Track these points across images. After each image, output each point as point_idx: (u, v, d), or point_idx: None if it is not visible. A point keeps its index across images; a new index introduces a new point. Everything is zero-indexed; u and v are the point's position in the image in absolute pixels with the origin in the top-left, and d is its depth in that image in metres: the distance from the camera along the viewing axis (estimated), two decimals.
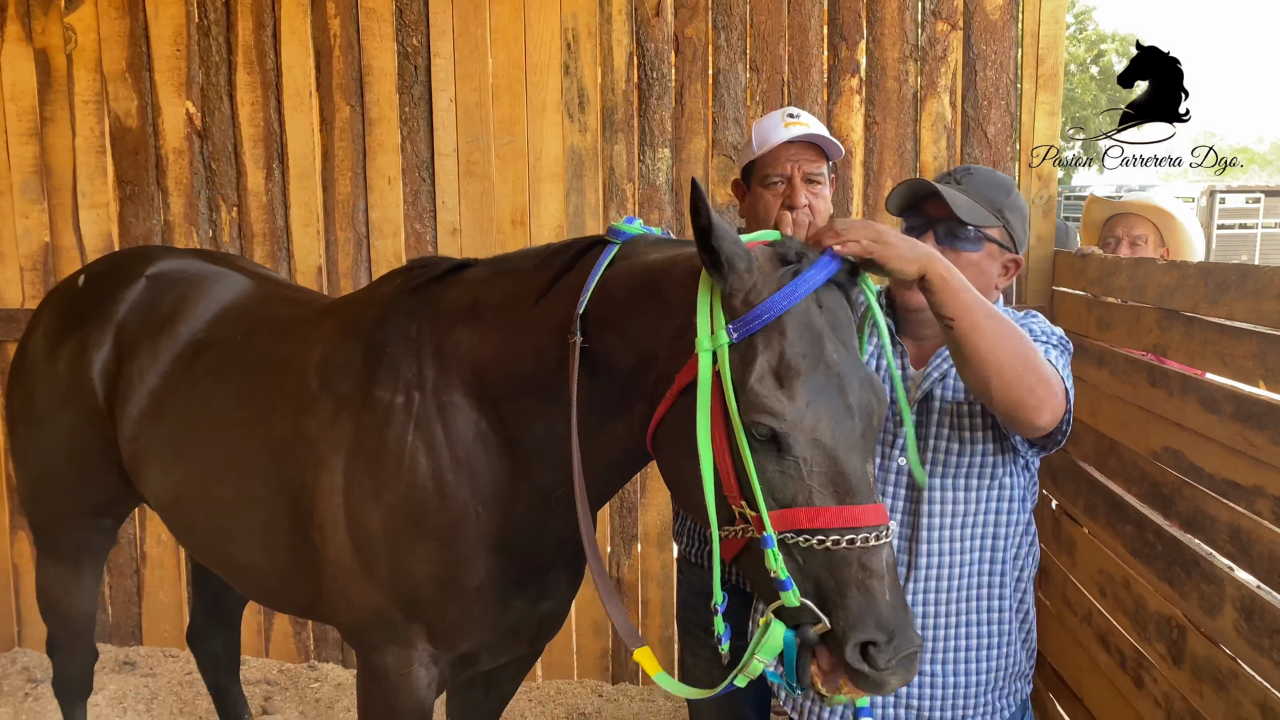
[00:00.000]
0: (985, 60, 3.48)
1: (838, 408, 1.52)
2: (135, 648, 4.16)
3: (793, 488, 1.50)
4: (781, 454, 1.50)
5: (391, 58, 3.73)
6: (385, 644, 2.07)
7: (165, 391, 2.45)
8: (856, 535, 1.47)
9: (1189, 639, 2.38)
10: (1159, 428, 2.58)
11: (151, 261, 2.73)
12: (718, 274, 1.54)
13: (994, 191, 1.92)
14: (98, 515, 2.81)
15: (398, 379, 1.99)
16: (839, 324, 1.58)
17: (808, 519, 1.48)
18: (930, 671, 1.96)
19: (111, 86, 3.88)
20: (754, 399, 1.49)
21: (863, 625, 1.45)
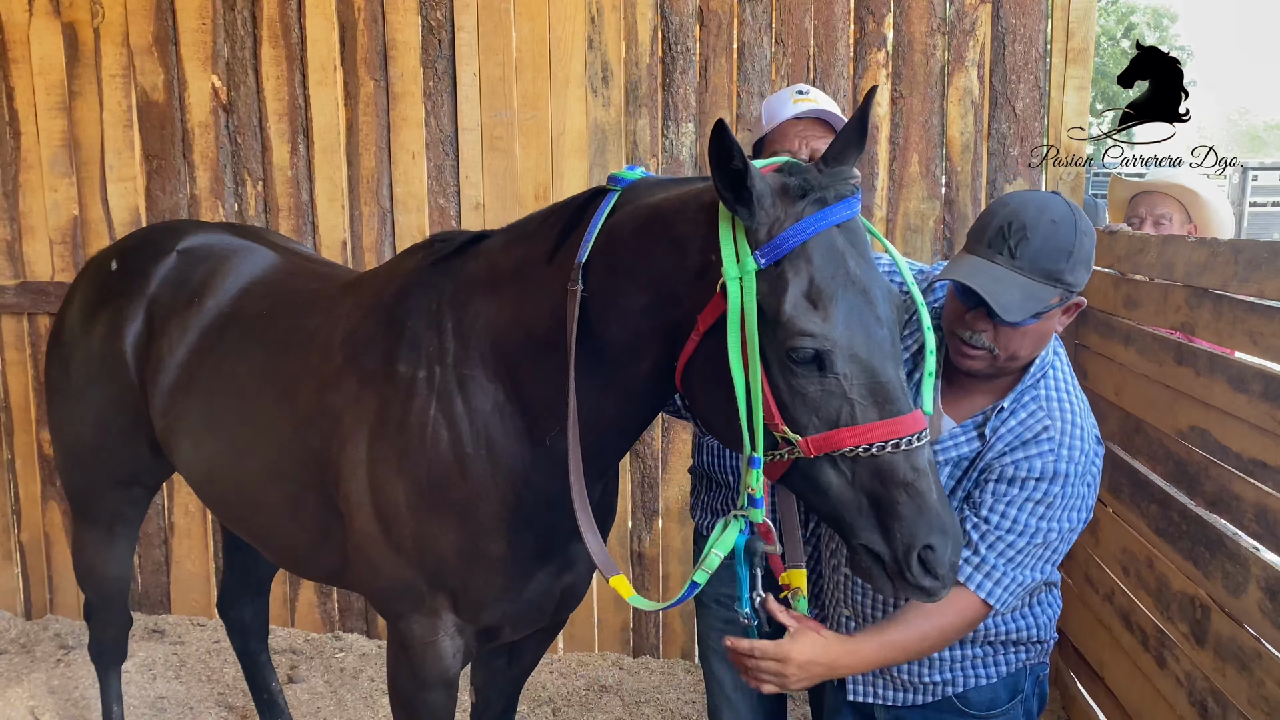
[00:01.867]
0: (1014, 34, 3.43)
1: (869, 321, 1.56)
2: (164, 616, 4.23)
3: (836, 404, 1.54)
4: (823, 373, 1.54)
5: (415, 32, 3.72)
6: (411, 613, 2.10)
7: (194, 365, 2.49)
8: (901, 442, 1.53)
9: (1213, 619, 2.37)
10: (1186, 406, 2.56)
11: (182, 236, 2.77)
12: (745, 210, 1.55)
13: (1054, 259, 1.75)
14: (128, 485, 2.86)
15: (419, 354, 2.01)
16: (857, 241, 1.61)
17: (853, 437, 1.53)
18: None
19: (138, 60, 3.90)
20: (792, 323, 1.52)
21: (919, 530, 1.52)
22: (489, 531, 1.99)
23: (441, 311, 2.01)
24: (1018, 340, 1.79)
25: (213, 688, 3.75)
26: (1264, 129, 43.85)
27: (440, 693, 2.15)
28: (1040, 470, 1.79)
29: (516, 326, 1.92)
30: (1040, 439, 1.81)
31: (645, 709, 3.63)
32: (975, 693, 1.99)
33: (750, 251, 1.55)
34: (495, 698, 2.54)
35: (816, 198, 1.56)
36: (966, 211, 3.50)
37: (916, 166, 3.52)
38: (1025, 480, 1.79)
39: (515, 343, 1.93)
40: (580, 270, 1.77)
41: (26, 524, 4.27)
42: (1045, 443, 1.80)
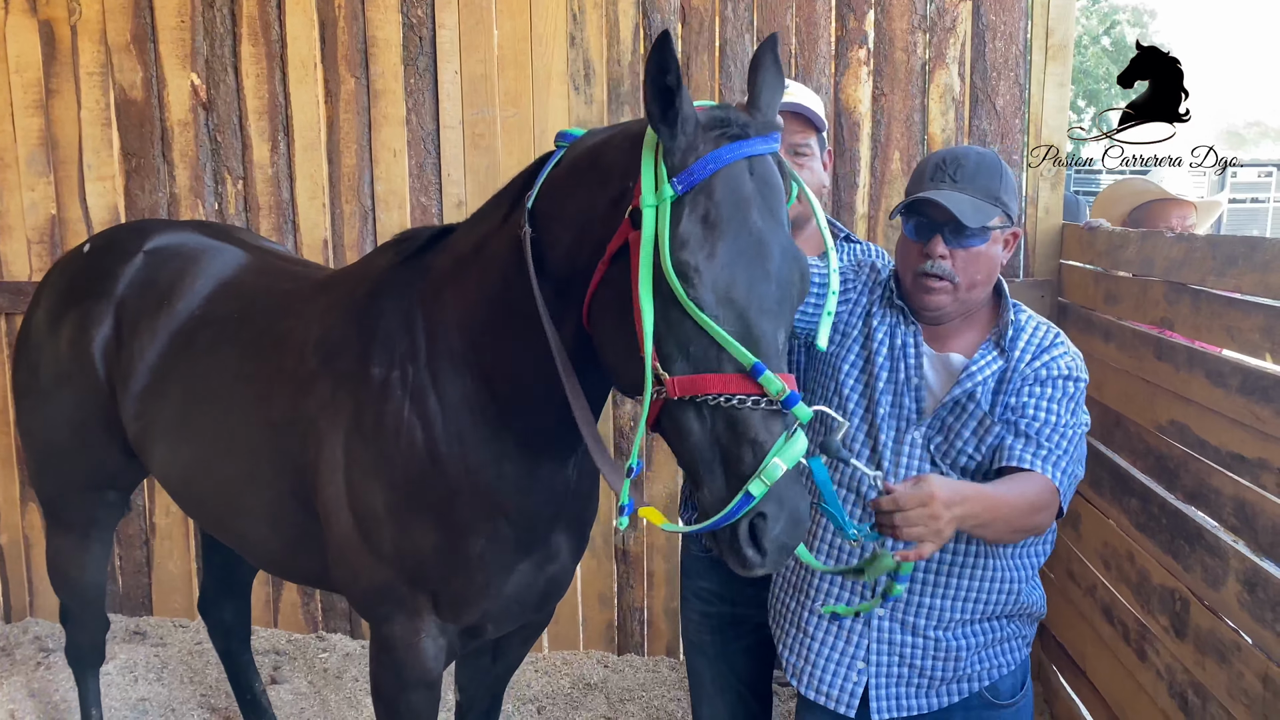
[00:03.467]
0: (995, 31, 3.44)
1: (756, 270, 1.54)
2: (145, 618, 4.20)
3: (703, 346, 1.52)
4: (699, 313, 1.51)
5: (396, 29, 3.71)
6: (393, 615, 2.09)
7: (166, 369, 2.47)
8: (763, 401, 1.50)
9: (1192, 611, 2.39)
10: (1165, 401, 2.58)
11: (149, 236, 2.73)
12: (667, 129, 1.54)
13: (988, 179, 1.94)
14: (102, 489, 2.82)
15: (392, 355, 2.01)
16: (768, 190, 1.59)
17: (716, 384, 1.50)
18: (935, 637, 2.00)
19: (116, 58, 3.87)
20: (680, 254, 1.51)
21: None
22: (468, 528, 1.99)
23: (412, 309, 2.01)
24: (974, 265, 1.93)
25: (195, 689, 3.72)
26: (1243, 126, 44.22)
27: (423, 693, 2.14)
28: (1065, 369, 1.95)
29: (480, 303, 1.91)
30: (1056, 343, 1.98)
31: (630, 706, 3.63)
32: (1003, 681, 2.05)
33: (668, 180, 1.54)
34: (480, 696, 2.53)
35: (733, 132, 1.57)
36: None
37: (898, 163, 3.52)
38: (1056, 379, 1.93)
39: (479, 320, 1.92)
40: (528, 215, 1.78)
41: (5, 526, 4.23)
42: (1060, 345, 1.99)
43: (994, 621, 2.03)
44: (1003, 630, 2.05)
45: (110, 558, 3.05)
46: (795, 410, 1.51)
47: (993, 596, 2.02)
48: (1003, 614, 2.04)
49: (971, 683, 2.03)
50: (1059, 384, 1.93)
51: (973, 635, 2.01)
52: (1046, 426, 1.90)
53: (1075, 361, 1.98)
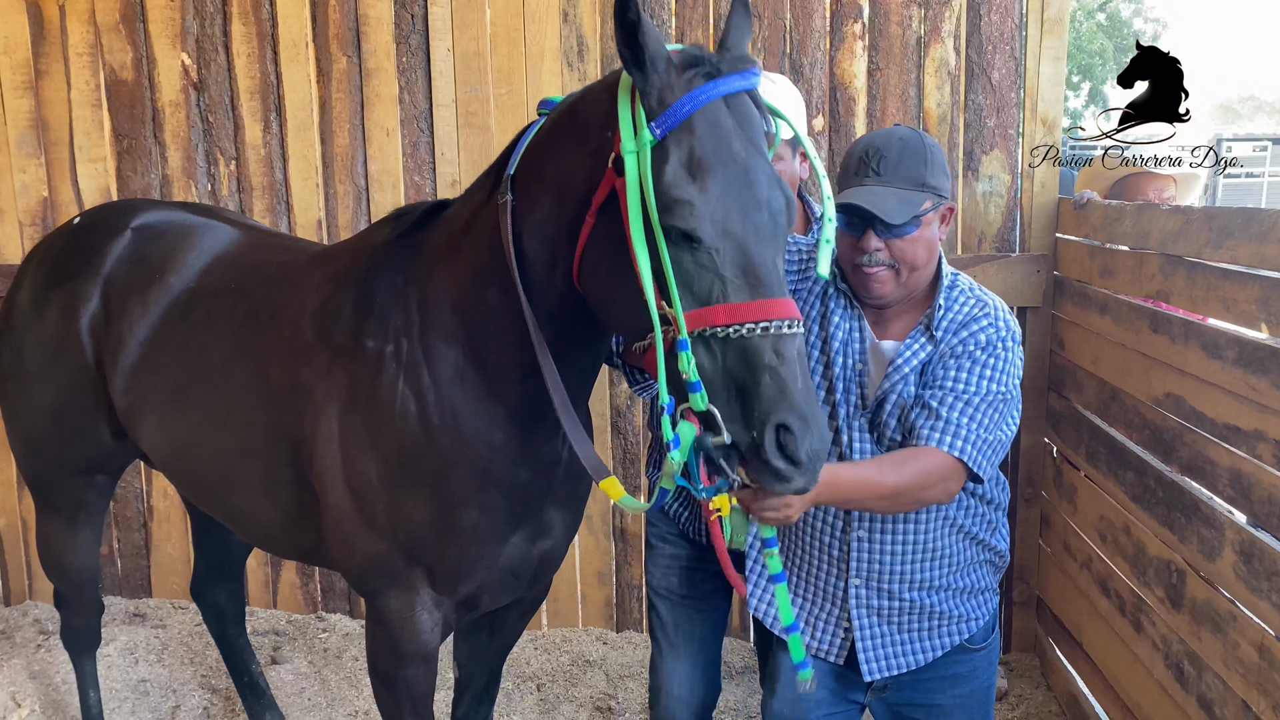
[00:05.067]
0: (990, 5, 3.42)
1: (747, 200, 1.56)
2: (144, 600, 4.21)
3: (709, 281, 1.53)
4: (695, 248, 1.53)
5: (388, 6, 3.68)
6: (388, 588, 2.10)
7: (159, 343, 2.45)
8: (770, 325, 1.51)
9: (1188, 583, 2.40)
10: (1161, 374, 2.58)
11: (136, 213, 2.71)
12: (639, 71, 1.56)
13: (913, 167, 1.95)
14: (89, 472, 2.80)
15: (388, 328, 2.01)
16: (748, 124, 1.61)
17: (725, 315, 1.52)
18: (910, 598, 2.05)
19: (105, 39, 3.84)
20: (667, 194, 1.52)
21: (777, 409, 1.49)
22: (461, 500, 1.99)
23: (408, 284, 2.01)
24: (910, 250, 1.95)
25: (195, 670, 3.74)
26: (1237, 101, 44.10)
27: (419, 668, 2.14)
28: (984, 341, 1.97)
29: (469, 276, 1.92)
30: (978, 317, 1.99)
31: (629, 683, 3.65)
32: (978, 631, 2.12)
33: (646, 124, 1.56)
34: (478, 672, 2.54)
35: (707, 70, 1.58)
36: None
37: None
38: (973, 352, 1.96)
39: (469, 296, 1.93)
40: (509, 183, 1.79)
41: (3, 510, 4.23)
42: (983, 319, 1.99)
43: (964, 574, 2.09)
44: (973, 582, 2.11)
45: (102, 541, 3.02)
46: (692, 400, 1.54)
47: (956, 552, 2.07)
48: (970, 565, 2.09)
49: (952, 637, 2.09)
50: (973, 356, 1.95)
51: (946, 591, 2.07)
52: (951, 396, 1.93)
53: (996, 333, 1.98)
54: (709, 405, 1.52)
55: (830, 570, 2.08)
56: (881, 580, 2.04)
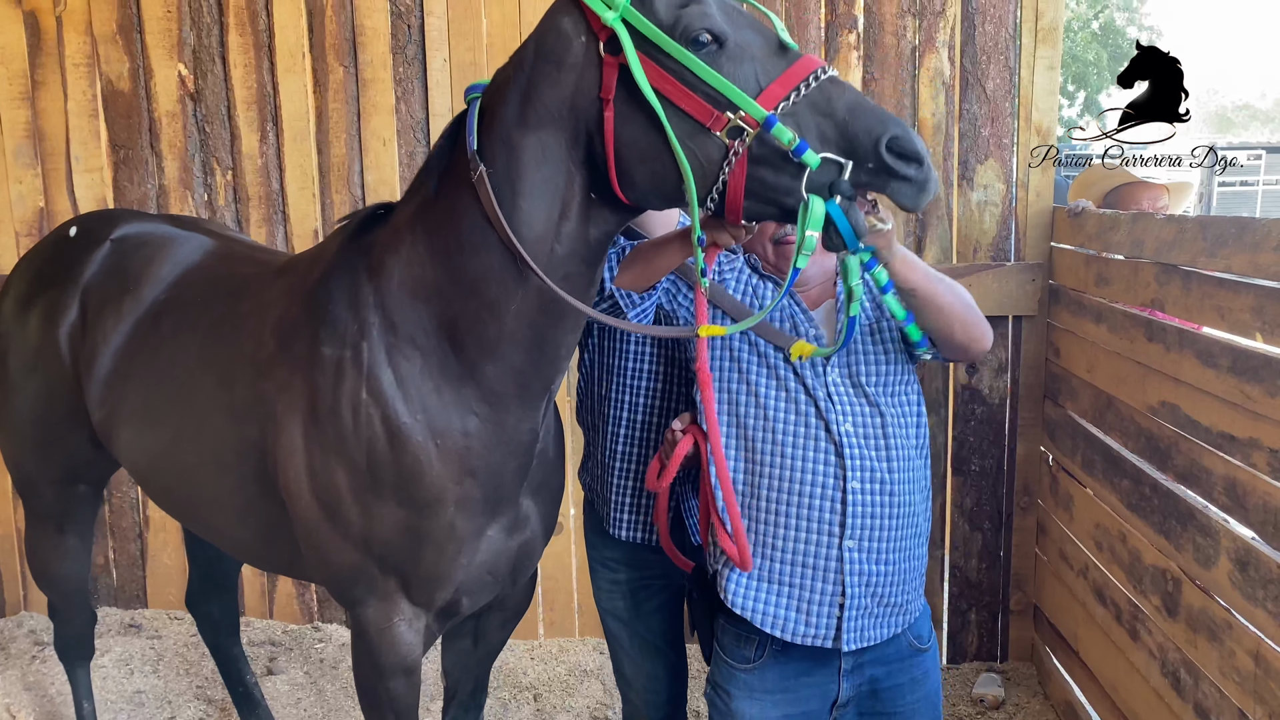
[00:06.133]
0: (984, 15, 3.44)
1: (732, 2, 1.70)
2: (140, 610, 4.20)
3: (751, 68, 1.63)
4: (725, 48, 1.62)
5: (384, 17, 3.69)
6: (366, 598, 2.08)
7: (131, 355, 2.45)
8: (819, 72, 1.62)
9: (1184, 591, 2.41)
10: (1156, 382, 2.59)
11: (116, 224, 2.72)
12: None
13: None
14: (71, 481, 2.79)
15: (344, 334, 2.00)
16: None
17: (781, 85, 1.61)
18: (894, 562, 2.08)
19: (102, 49, 3.84)
20: (679, 17, 1.62)
21: (880, 125, 1.58)
22: (437, 497, 1.98)
23: (360, 286, 2.00)
24: None
25: (191, 681, 3.73)
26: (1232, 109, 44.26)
27: (400, 680, 2.12)
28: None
29: (431, 264, 1.91)
30: None
31: None
32: (920, 623, 2.17)
33: None
34: (464, 680, 2.53)
35: None
36: (939, 192, 3.51)
37: None
38: None
39: (434, 281, 1.91)
40: (477, 158, 1.80)
41: None
42: None
43: (918, 540, 2.14)
44: (921, 553, 2.16)
45: (91, 550, 3.01)
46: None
47: (919, 515, 2.12)
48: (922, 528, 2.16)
49: (909, 614, 2.12)
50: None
51: (911, 555, 2.11)
52: None
53: None
54: (821, 155, 1.59)
55: (823, 538, 2.07)
56: (873, 539, 2.05)
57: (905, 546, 2.09)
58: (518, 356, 1.89)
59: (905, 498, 2.07)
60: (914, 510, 2.10)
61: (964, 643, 3.74)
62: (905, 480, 2.08)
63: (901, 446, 2.08)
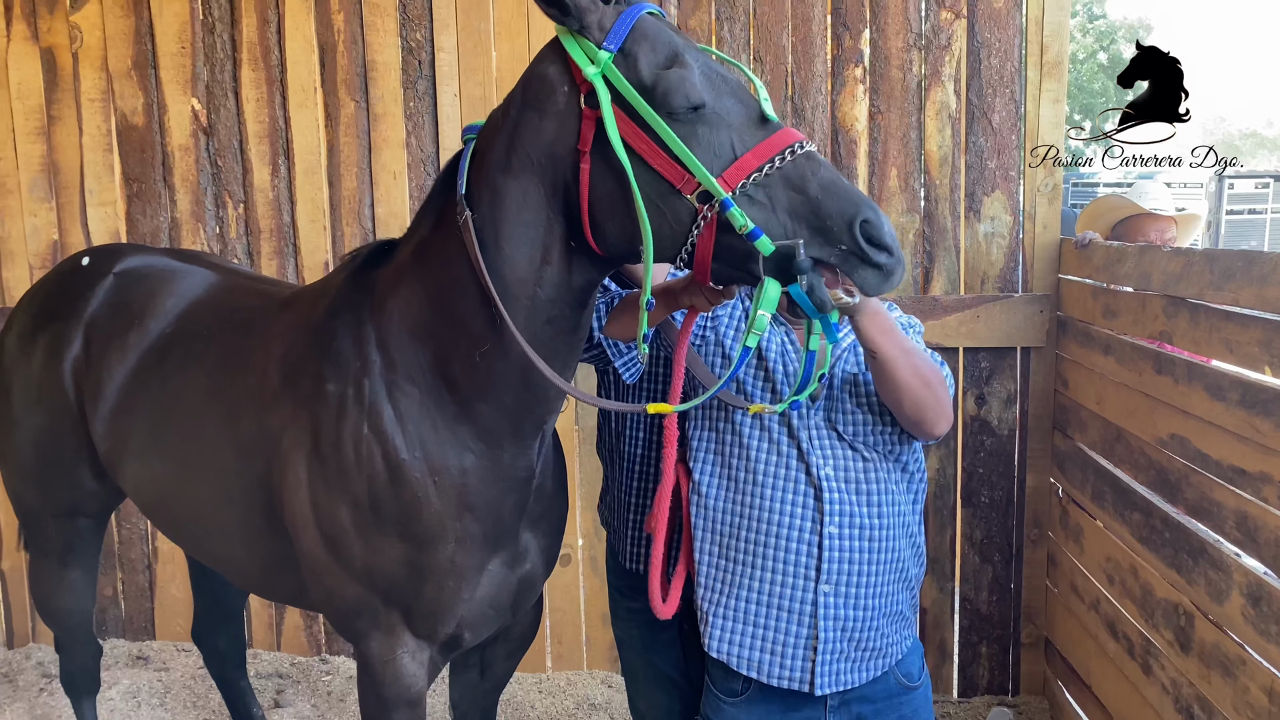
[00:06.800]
0: (990, 48, 3.47)
1: (716, 66, 1.71)
2: (148, 642, 4.20)
3: (726, 137, 1.64)
4: (702, 114, 1.63)
5: (395, 53, 3.73)
6: (369, 631, 2.09)
7: (136, 388, 2.46)
8: (796, 147, 1.62)
9: (1197, 625, 2.39)
10: (1165, 415, 2.58)
11: (119, 258, 2.74)
12: (567, 16, 1.68)
13: None
14: (71, 514, 2.80)
15: (347, 370, 2.02)
16: (673, 27, 1.77)
17: (755, 157, 1.61)
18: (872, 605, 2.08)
19: (117, 84, 3.90)
20: (659, 78, 1.64)
21: (851, 208, 1.58)
22: (437, 533, 1.99)
23: (363, 324, 2.02)
24: None
25: (199, 714, 3.71)
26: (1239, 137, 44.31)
27: (404, 712, 2.11)
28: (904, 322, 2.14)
29: (427, 304, 1.93)
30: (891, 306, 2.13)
31: None
32: (909, 659, 2.16)
33: (598, 49, 1.67)
34: (471, 712, 2.53)
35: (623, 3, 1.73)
36: (946, 224, 3.53)
37: (895, 180, 3.54)
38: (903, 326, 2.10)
39: (430, 321, 1.93)
40: (464, 202, 1.82)
41: (7, 551, 4.23)
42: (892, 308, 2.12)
43: (903, 584, 2.14)
44: (906, 597, 2.16)
45: (95, 584, 3.01)
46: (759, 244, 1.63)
47: (905, 560, 2.12)
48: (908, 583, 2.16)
49: (889, 658, 2.12)
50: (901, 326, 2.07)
51: (892, 600, 2.11)
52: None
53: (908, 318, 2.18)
54: (776, 243, 1.60)
55: (798, 582, 2.07)
56: (850, 584, 2.05)
57: (886, 591, 2.09)
58: (509, 397, 1.92)
59: (888, 544, 2.07)
60: (898, 556, 2.10)
61: (975, 676, 3.71)
62: (889, 526, 2.07)
63: (886, 492, 2.08)
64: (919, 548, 2.19)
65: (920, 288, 3.56)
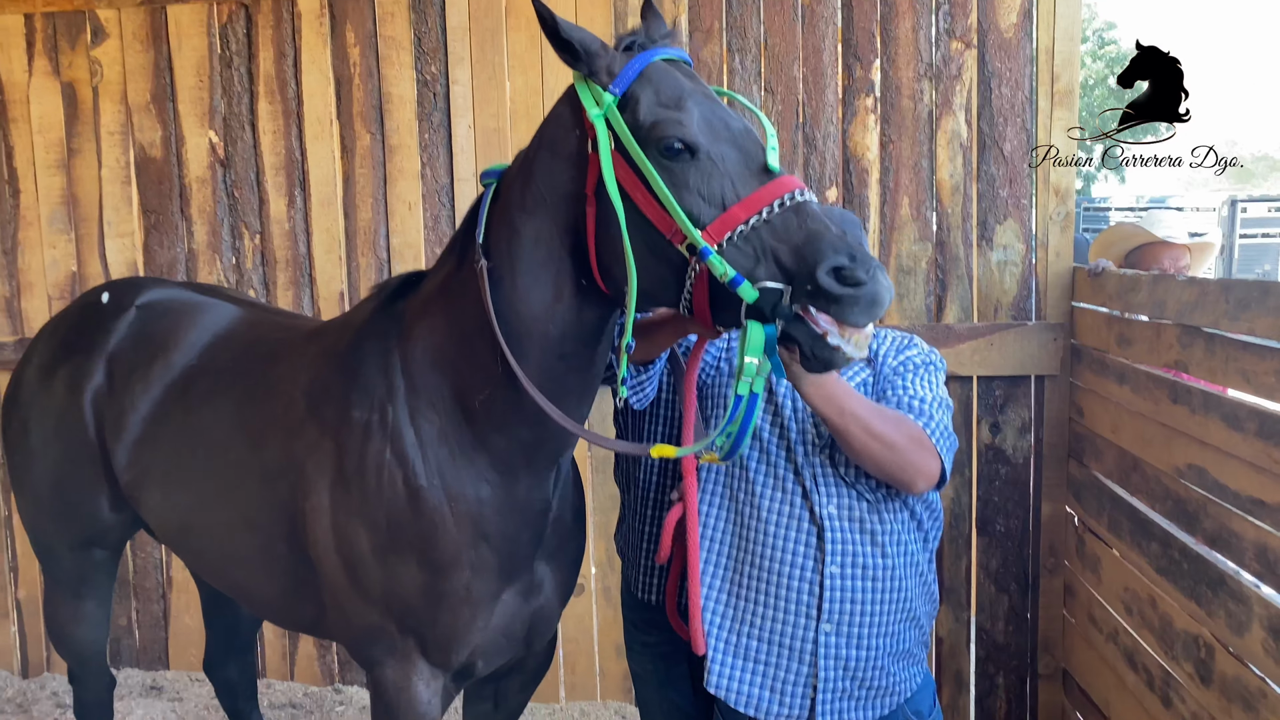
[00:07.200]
0: (1000, 78, 3.48)
1: (724, 114, 1.71)
2: (162, 672, 4.19)
3: (719, 185, 1.63)
4: (696, 159, 1.64)
5: (411, 85, 3.77)
6: (384, 658, 2.10)
7: (161, 419, 2.49)
8: (788, 198, 1.61)
9: (1217, 658, 2.37)
10: (1182, 445, 2.57)
11: (141, 291, 2.78)
12: (578, 61, 1.71)
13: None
14: (87, 546, 2.81)
15: (373, 398, 2.06)
16: (695, 77, 1.77)
17: (744, 209, 1.61)
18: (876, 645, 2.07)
19: (136, 118, 3.95)
20: (655, 123, 1.65)
21: (823, 255, 1.55)
22: (452, 561, 2.01)
23: (390, 353, 2.06)
24: None
25: None
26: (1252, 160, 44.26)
27: None
28: (919, 360, 2.14)
29: (450, 337, 1.98)
30: (909, 345, 2.18)
31: None
32: (919, 696, 2.14)
33: (604, 91, 1.69)
34: None
35: (642, 41, 1.75)
36: (958, 253, 3.53)
37: (907, 209, 3.55)
38: (915, 367, 2.12)
39: (451, 353, 1.98)
40: (481, 250, 1.86)
41: (24, 580, 4.24)
42: (913, 346, 2.18)
43: (910, 624, 2.12)
44: (915, 635, 2.14)
45: (110, 617, 3.01)
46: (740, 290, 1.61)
47: (914, 599, 2.10)
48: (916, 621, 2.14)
49: (897, 695, 2.10)
50: (915, 370, 2.10)
51: (898, 640, 2.09)
52: (914, 399, 2.04)
53: (931, 355, 2.16)
54: (758, 287, 1.59)
55: (799, 620, 2.06)
56: (852, 624, 2.04)
57: (892, 631, 2.07)
58: (524, 431, 1.95)
59: (895, 583, 2.05)
60: (904, 596, 2.08)
61: (992, 708, 3.68)
62: (896, 567, 2.05)
63: (893, 533, 2.06)
64: (930, 587, 2.17)
65: (934, 316, 3.56)
